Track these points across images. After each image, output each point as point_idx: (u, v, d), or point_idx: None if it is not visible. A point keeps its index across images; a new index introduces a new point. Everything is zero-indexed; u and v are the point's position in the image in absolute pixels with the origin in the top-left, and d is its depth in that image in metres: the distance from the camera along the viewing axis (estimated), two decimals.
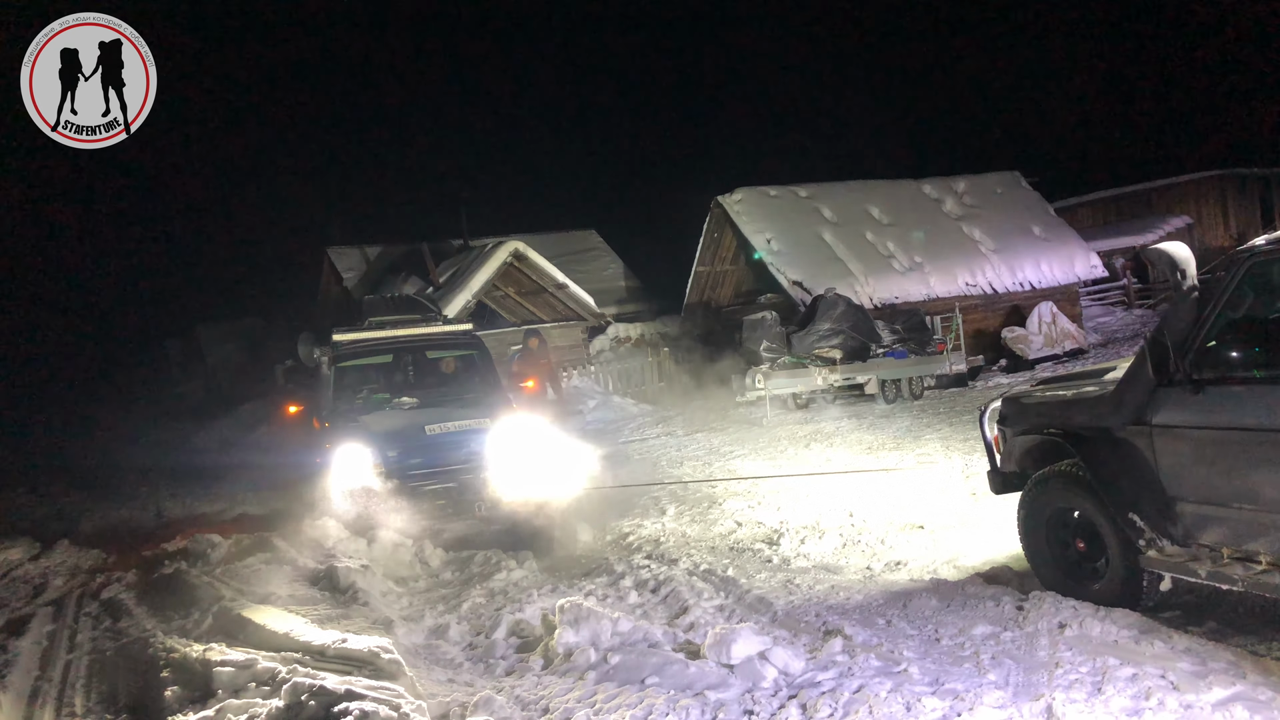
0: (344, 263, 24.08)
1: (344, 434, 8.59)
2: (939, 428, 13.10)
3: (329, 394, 9.32)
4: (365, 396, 9.50)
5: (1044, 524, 5.44)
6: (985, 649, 4.67)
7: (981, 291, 21.77)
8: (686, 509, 9.36)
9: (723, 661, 4.69)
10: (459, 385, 9.94)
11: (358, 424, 8.80)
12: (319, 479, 8.52)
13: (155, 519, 12.09)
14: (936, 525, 7.62)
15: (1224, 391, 4.40)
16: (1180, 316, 4.62)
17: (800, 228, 21.62)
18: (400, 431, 8.71)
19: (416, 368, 10.06)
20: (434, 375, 10.04)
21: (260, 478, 12.94)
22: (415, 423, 8.84)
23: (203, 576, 7.61)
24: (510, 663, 5.36)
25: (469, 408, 9.22)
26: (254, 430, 21.52)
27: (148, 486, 15.22)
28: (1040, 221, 24.08)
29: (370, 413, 9.14)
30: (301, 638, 5.47)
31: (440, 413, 9.02)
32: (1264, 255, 4.45)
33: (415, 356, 10.09)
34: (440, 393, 9.64)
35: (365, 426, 8.75)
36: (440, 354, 10.15)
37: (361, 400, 9.44)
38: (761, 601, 5.99)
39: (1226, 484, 4.43)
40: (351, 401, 9.36)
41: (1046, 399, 5.61)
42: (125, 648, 6.15)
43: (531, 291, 22.30)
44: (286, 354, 13.86)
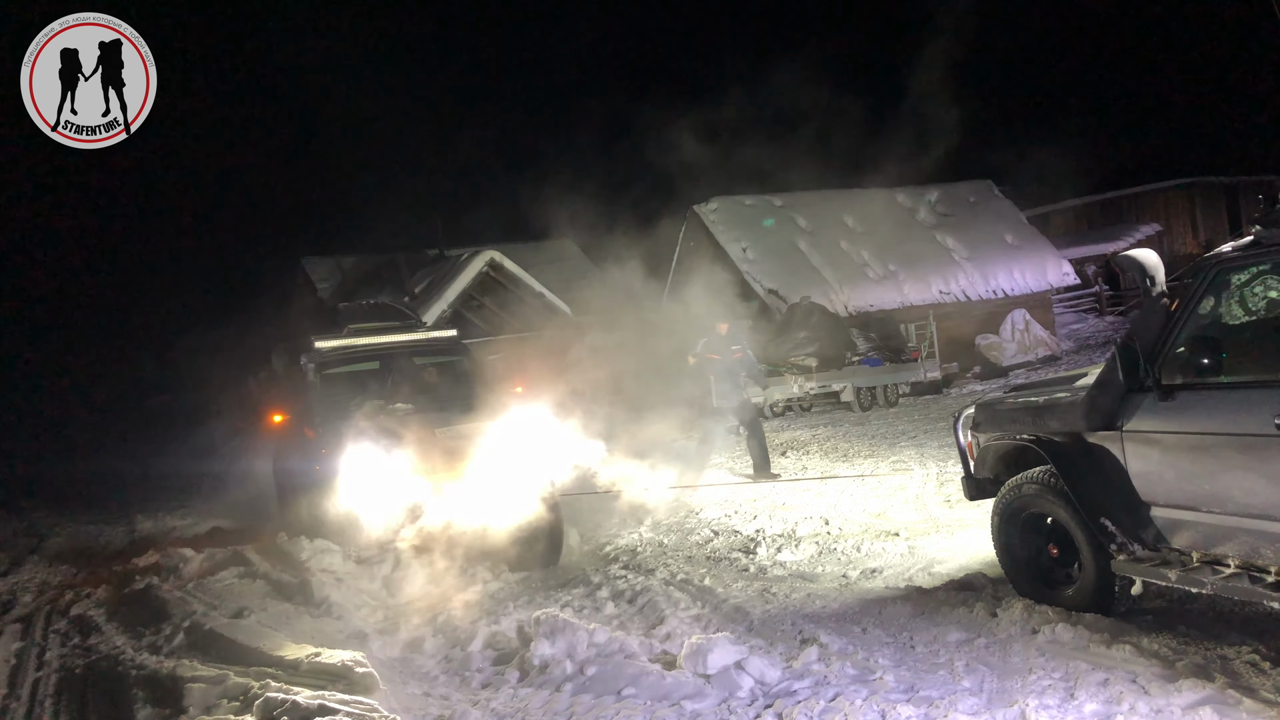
0: (318, 272, 23.95)
1: (348, 438, 8.25)
2: (914, 435, 13.18)
3: (317, 402, 9.10)
4: (357, 404, 9.20)
5: (1017, 530, 5.47)
6: (959, 656, 4.69)
7: (955, 299, 21.94)
8: (663, 518, 9.35)
9: (699, 671, 4.68)
10: (450, 390, 9.76)
11: (359, 429, 8.48)
12: (319, 486, 8.25)
13: (127, 533, 11.94)
14: (912, 532, 7.65)
15: (1192, 397, 4.44)
16: (1150, 323, 4.67)
17: (775, 236, 21.73)
18: (410, 436, 8.34)
19: (404, 374, 9.92)
20: (422, 382, 9.83)
21: (239, 490, 12.82)
22: (425, 426, 8.55)
23: (174, 591, 7.52)
24: (486, 675, 5.34)
25: (471, 411, 8.99)
26: (229, 441, 21.32)
27: (119, 500, 15.04)
28: (1013, 229, 24.31)
29: (369, 419, 8.79)
30: (274, 652, 5.43)
31: (443, 416, 8.81)
32: (1230, 262, 4.50)
33: (402, 363, 9.89)
34: (433, 398, 9.46)
35: (369, 431, 8.42)
36: (427, 360, 10.01)
37: (355, 407, 9.12)
38: (738, 611, 5.99)
39: (1195, 489, 4.47)
40: (344, 409, 9.07)
41: (1019, 405, 5.65)
42: (95, 665, 6.07)
43: (508, 301, 22.26)
44: (260, 364, 13.73)
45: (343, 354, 9.58)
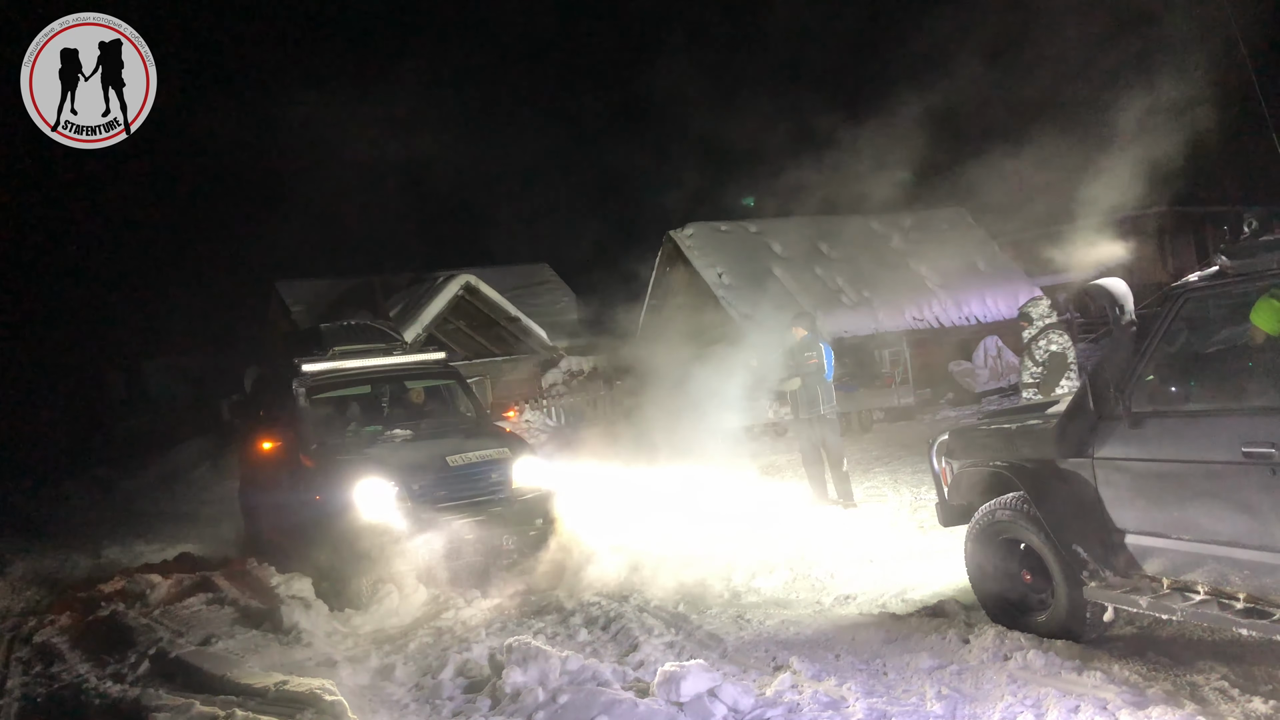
0: (292, 295, 23.86)
1: (357, 467, 7.95)
2: (887, 461, 13.22)
3: (310, 428, 8.73)
4: (354, 430, 8.93)
5: (990, 556, 5.48)
6: (931, 683, 4.69)
7: (928, 326, 22.10)
8: (637, 542, 9.29)
9: (672, 699, 4.65)
10: (446, 416, 9.55)
11: (366, 456, 8.18)
12: (325, 517, 7.92)
13: (92, 559, 11.75)
14: (885, 558, 7.65)
15: (1161, 425, 4.49)
16: (1119, 351, 4.72)
17: (751, 262, 21.85)
18: (421, 464, 8.11)
19: (395, 399, 9.72)
20: (413, 407, 9.57)
21: (209, 516, 12.64)
22: (435, 454, 8.25)
23: (140, 618, 7.41)
24: (458, 703, 5.28)
25: (477, 438, 8.72)
26: (198, 467, 21.10)
27: (85, 525, 14.82)
28: (985, 257, 24.56)
29: (372, 446, 8.52)
30: (241, 680, 5.35)
31: (454, 444, 8.48)
32: (1198, 291, 4.56)
33: (396, 387, 9.62)
34: (430, 424, 9.17)
35: (378, 459, 8.11)
36: (418, 384, 9.70)
37: (351, 433, 8.86)
38: (712, 637, 5.97)
39: (1165, 516, 4.51)
40: (341, 435, 8.80)
41: (993, 432, 5.69)
42: (57, 693, 5.95)
43: (484, 325, 22.25)
44: (232, 388, 13.57)
45: (334, 378, 9.25)
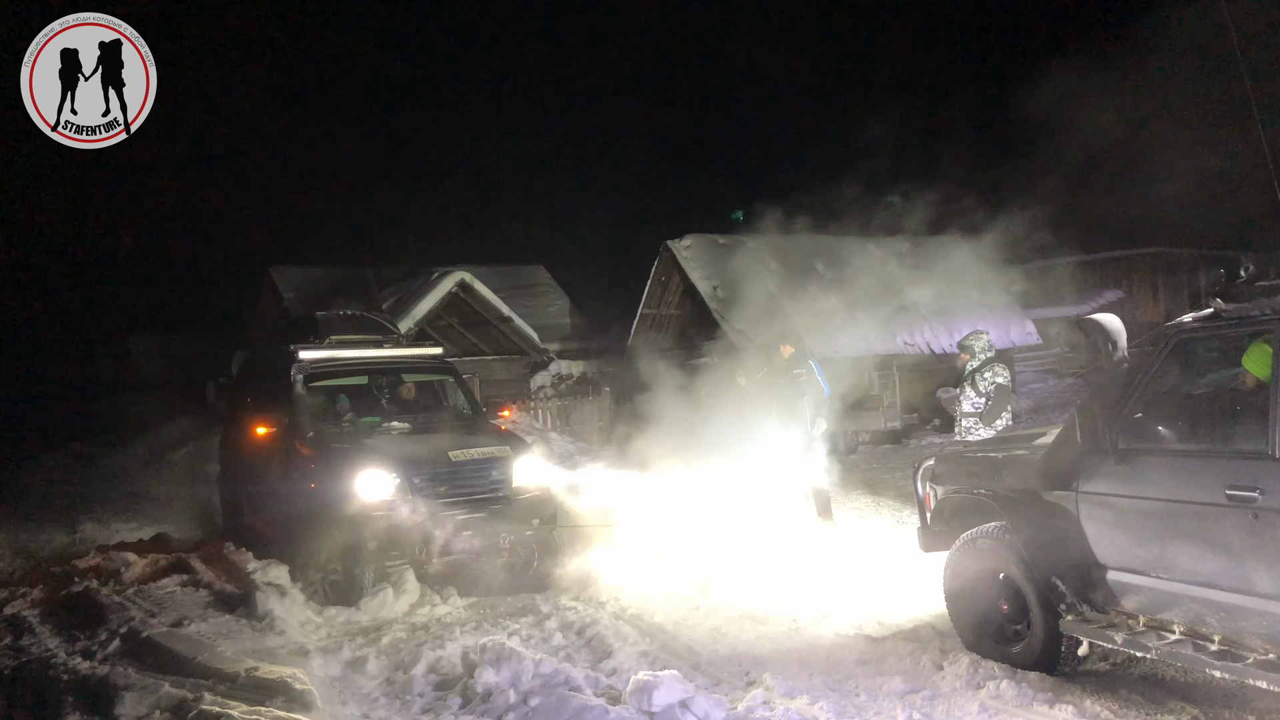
0: (286, 282, 23.77)
1: (358, 457, 7.90)
2: (871, 483, 13.24)
3: (307, 416, 8.66)
4: (351, 420, 8.89)
5: (969, 584, 5.49)
6: (902, 707, 4.69)
7: (919, 351, 22.14)
8: (617, 551, 9.27)
9: (643, 708, 4.64)
10: (442, 412, 9.54)
11: (367, 446, 8.15)
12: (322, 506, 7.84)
13: (68, 534, 11.67)
14: (864, 579, 7.65)
15: (1147, 462, 4.51)
16: (1110, 386, 4.74)
17: (746, 277, 21.87)
18: (423, 457, 8.06)
19: (391, 392, 9.70)
20: (407, 401, 9.52)
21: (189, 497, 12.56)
22: (436, 448, 8.21)
23: (113, 596, 7.36)
24: (428, 700, 5.25)
25: (477, 435, 8.71)
26: (181, 448, 20.97)
27: (63, 500, 14.71)
28: (979, 287, 24.61)
29: (371, 437, 8.50)
30: (212, 664, 5.33)
31: (455, 439, 8.48)
32: (1189, 332, 4.59)
33: (394, 379, 9.58)
34: (427, 419, 9.15)
35: (380, 450, 8.06)
36: (416, 378, 9.70)
37: (349, 424, 8.81)
38: (687, 648, 5.96)
39: (1145, 553, 4.53)
40: (338, 425, 8.77)
41: (978, 460, 5.70)
42: (24, 667, 5.90)
43: (476, 323, 22.20)
44: (219, 370, 13.52)
45: (332, 366, 9.18)
